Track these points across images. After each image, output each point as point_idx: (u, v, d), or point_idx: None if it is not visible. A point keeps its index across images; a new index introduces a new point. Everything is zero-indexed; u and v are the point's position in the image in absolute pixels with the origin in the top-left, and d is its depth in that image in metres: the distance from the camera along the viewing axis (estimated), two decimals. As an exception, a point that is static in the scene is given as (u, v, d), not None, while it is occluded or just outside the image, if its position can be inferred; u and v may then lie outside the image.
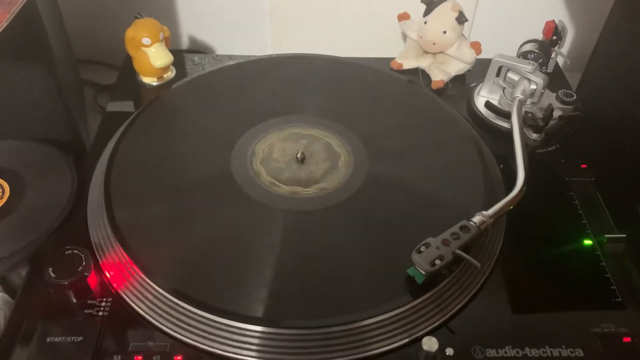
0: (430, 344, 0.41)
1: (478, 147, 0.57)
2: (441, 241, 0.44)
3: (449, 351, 0.42)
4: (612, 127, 0.63)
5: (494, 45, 0.67)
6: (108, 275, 0.46)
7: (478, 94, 0.65)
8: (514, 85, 0.60)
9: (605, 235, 0.51)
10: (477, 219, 0.46)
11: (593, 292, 0.47)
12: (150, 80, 0.67)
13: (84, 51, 0.78)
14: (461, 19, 0.66)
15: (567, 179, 0.57)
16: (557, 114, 0.60)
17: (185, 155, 0.57)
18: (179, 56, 0.71)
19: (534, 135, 0.59)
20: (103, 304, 0.45)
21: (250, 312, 0.43)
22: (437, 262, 0.43)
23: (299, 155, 0.55)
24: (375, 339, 0.42)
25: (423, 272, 0.43)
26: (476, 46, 0.68)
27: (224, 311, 0.43)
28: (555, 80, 0.67)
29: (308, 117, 0.61)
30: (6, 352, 0.42)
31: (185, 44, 0.82)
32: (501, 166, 0.57)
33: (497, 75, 0.62)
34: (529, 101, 0.60)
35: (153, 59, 0.65)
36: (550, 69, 0.67)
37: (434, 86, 0.67)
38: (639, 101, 0.60)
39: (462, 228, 0.45)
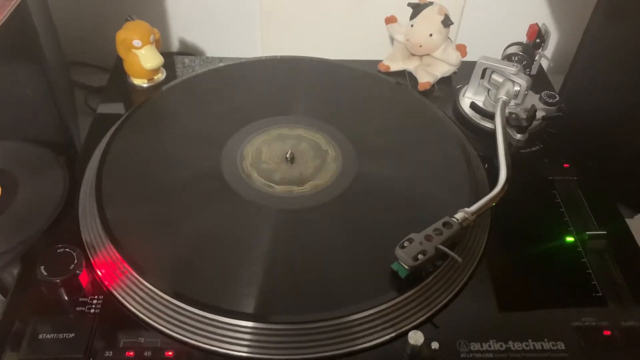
0: (416, 338, 0.42)
1: (463, 147, 0.58)
2: (424, 237, 0.46)
3: (435, 345, 0.43)
4: (594, 127, 0.64)
5: (479, 48, 0.68)
6: (99, 273, 0.47)
7: (463, 96, 0.66)
8: (498, 86, 0.61)
9: (587, 233, 0.52)
10: (459, 215, 0.47)
11: (575, 288, 0.49)
12: (140, 82, 0.68)
13: (75, 53, 0.78)
14: (447, 22, 0.67)
15: (550, 178, 0.58)
16: (540, 114, 0.61)
17: (176, 156, 0.57)
18: (170, 58, 0.72)
19: (518, 136, 0.60)
20: (95, 301, 0.45)
21: (239, 308, 0.43)
22: (420, 256, 0.44)
23: (288, 155, 0.56)
24: (362, 334, 0.43)
25: (406, 267, 0.44)
26: (462, 49, 0.69)
27: (214, 307, 0.43)
28: (539, 82, 0.69)
29: (297, 117, 0.61)
30: (-2, 349, 0.42)
31: (175, 46, 0.83)
32: (486, 166, 0.58)
33: (482, 77, 0.64)
34: (512, 102, 0.61)
35: (144, 60, 0.65)
36: (533, 71, 0.69)
37: (420, 88, 0.69)
38: (619, 102, 0.62)
39: (444, 224, 0.46)
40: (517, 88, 0.60)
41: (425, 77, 0.69)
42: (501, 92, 0.60)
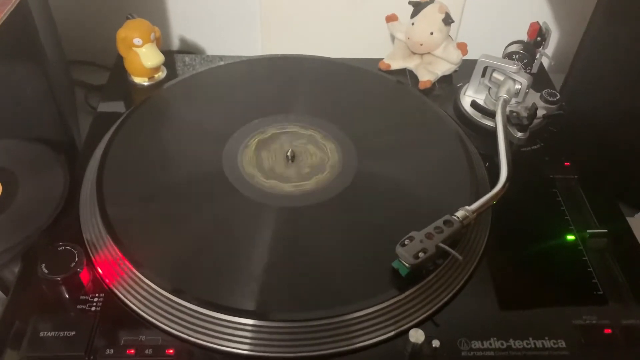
0: (417, 336, 0.42)
1: (464, 145, 0.58)
2: (425, 235, 0.45)
3: (435, 343, 0.43)
4: (595, 126, 0.64)
5: (480, 46, 0.68)
6: (100, 271, 0.47)
7: (464, 94, 0.66)
8: (499, 85, 0.61)
9: (588, 231, 0.52)
10: (460, 213, 0.47)
11: (575, 286, 0.49)
12: (141, 81, 0.68)
13: (76, 52, 0.78)
14: (448, 20, 0.67)
15: (551, 176, 0.58)
16: (541, 113, 0.61)
17: (176, 154, 0.57)
18: (170, 57, 0.72)
19: (519, 134, 0.60)
20: (95, 299, 0.45)
21: (240, 305, 0.44)
22: (421, 254, 0.44)
23: (288, 154, 0.56)
24: (363, 331, 0.43)
25: (407, 265, 0.44)
26: (462, 47, 0.69)
27: (215, 305, 0.43)
28: (540, 80, 0.69)
29: (298, 116, 0.61)
30: (-1, 347, 0.42)
31: (176, 44, 0.83)
32: (487, 164, 0.58)
33: (483, 75, 0.64)
34: (513, 101, 0.61)
35: (144, 59, 0.65)
36: (534, 69, 0.68)
37: (421, 86, 0.69)
38: (619, 101, 0.62)
39: (445, 222, 0.46)
40: (518, 86, 0.60)
41: (426, 76, 0.69)
42: (502, 91, 0.60)
